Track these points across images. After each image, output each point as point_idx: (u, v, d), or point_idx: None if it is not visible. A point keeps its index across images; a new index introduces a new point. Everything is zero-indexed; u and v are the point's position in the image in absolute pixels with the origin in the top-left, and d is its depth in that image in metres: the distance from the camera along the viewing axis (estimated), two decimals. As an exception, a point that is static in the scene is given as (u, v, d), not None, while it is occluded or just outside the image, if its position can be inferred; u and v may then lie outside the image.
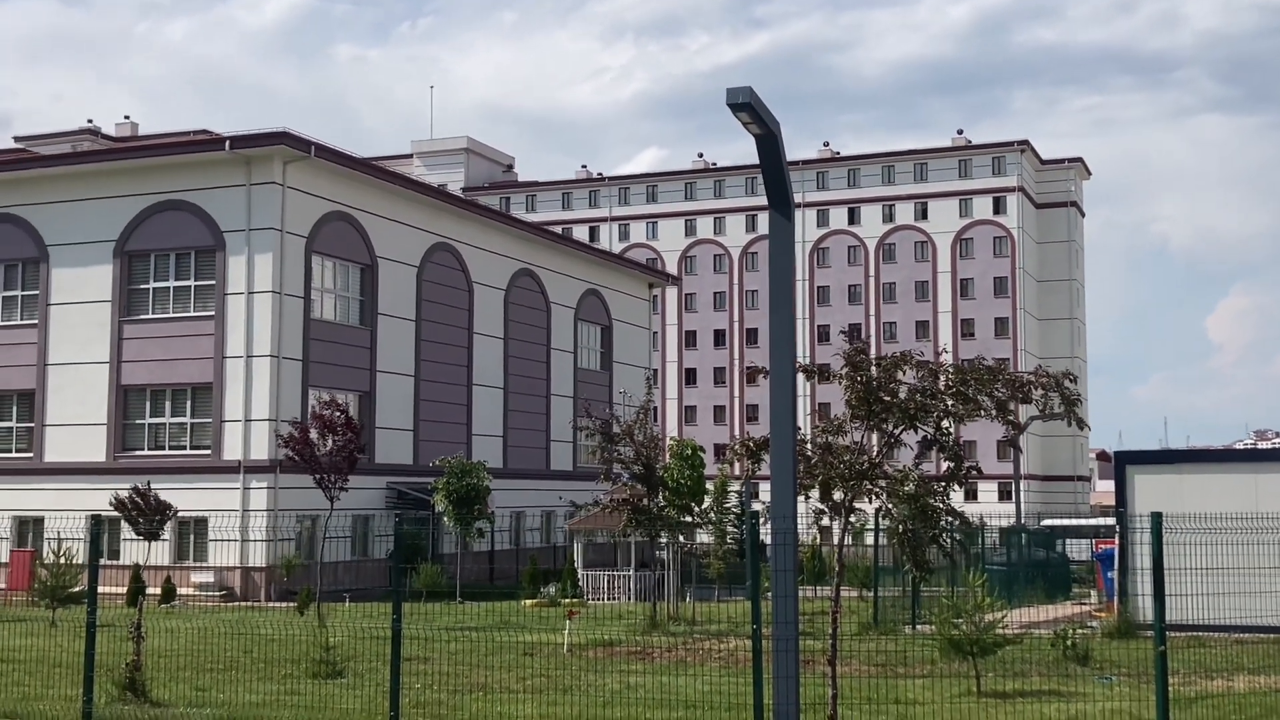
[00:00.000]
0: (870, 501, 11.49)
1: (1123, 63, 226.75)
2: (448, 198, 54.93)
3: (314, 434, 29.48)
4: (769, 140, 9.82)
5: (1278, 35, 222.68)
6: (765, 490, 34.19)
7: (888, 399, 11.19)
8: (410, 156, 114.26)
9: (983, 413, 11.12)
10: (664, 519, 24.98)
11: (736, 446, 12.53)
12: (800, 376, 11.58)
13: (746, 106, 9.53)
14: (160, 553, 39.49)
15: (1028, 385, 10.11)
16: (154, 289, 44.29)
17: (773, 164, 9.91)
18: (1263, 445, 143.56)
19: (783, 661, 9.08)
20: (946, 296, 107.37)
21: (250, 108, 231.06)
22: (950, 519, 11.13)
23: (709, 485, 28.78)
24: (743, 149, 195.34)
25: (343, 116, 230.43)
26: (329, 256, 45.60)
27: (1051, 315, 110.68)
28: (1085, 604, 30.98)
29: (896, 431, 11.40)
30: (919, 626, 22.48)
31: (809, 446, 11.13)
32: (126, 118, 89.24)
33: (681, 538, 28.37)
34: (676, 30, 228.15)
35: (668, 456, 27.26)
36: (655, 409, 27.90)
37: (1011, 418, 10.39)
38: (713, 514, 27.70)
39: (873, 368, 11.41)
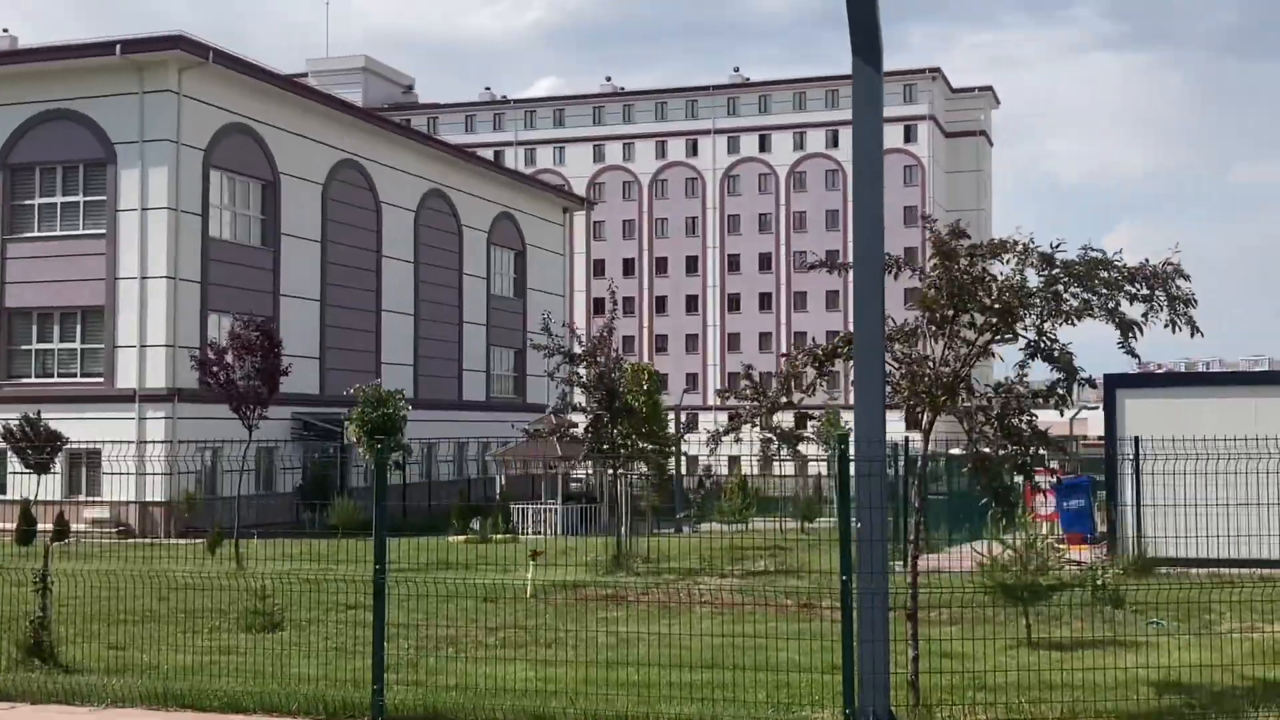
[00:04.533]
0: (960, 421, 9.73)
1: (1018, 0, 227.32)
2: (355, 111, 52.02)
3: (230, 356, 26.99)
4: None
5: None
6: (705, 420, 32.29)
7: (983, 295, 9.42)
8: (305, 76, 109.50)
9: (1094, 312, 9.41)
10: (628, 447, 23.20)
11: (799, 355, 10.62)
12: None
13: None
14: (51, 487, 36.68)
15: (1150, 277, 8.71)
16: (40, 205, 41.08)
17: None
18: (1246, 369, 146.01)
19: (870, 620, 7.36)
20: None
21: (138, 30, 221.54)
22: (1035, 443, 9.46)
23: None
24: (650, 78, 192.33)
25: (235, 41, 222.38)
26: (228, 172, 42.69)
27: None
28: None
29: (986, 338, 9.65)
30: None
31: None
32: (4, 30, 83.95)
33: (645, 468, 26.64)
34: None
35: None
36: (579, 335, 25.96)
37: (1128, 318, 9.01)
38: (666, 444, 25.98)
39: (962, 258, 9.59)
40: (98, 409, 38.28)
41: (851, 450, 7.80)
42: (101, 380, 39.67)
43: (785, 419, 12.67)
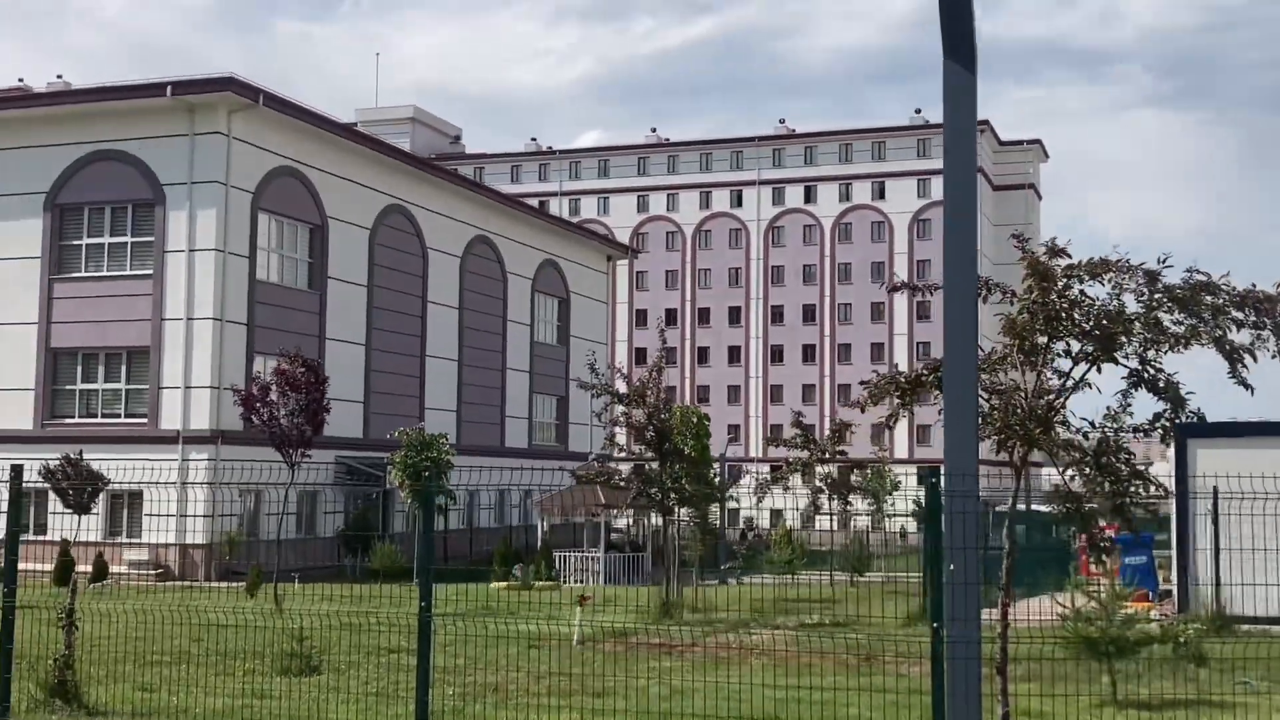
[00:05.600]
0: (1052, 456, 9.09)
1: (1062, 56, 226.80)
2: (403, 156, 52.01)
3: (274, 394, 26.58)
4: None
5: (1215, 31, 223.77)
6: (756, 469, 30.88)
7: (1081, 320, 8.79)
8: (355, 125, 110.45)
9: (1202, 339, 8.74)
10: (678, 493, 22.52)
11: (880, 381, 10.00)
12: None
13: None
14: (91, 528, 36.40)
15: (1260, 303, 8.03)
16: (87, 245, 41.12)
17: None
18: None
19: (962, 674, 6.70)
20: (903, 277, 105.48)
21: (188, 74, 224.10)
22: (1135, 482, 8.79)
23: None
24: (694, 130, 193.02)
25: (285, 92, 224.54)
26: (276, 215, 42.63)
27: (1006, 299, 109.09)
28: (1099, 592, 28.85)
29: (1083, 367, 9.01)
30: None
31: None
32: (59, 77, 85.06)
33: (693, 515, 25.91)
34: (621, 14, 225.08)
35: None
36: (624, 375, 25.28)
37: (1236, 345, 8.36)
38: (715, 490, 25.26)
39: (1059, 280, 8.96)
40: (140, 450, 37.91)
41: (942, 485, 7.20)
42: (145, 421, 39.46)
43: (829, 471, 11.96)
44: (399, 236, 49.25)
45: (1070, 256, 9.39)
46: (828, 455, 32.99)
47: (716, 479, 25.53)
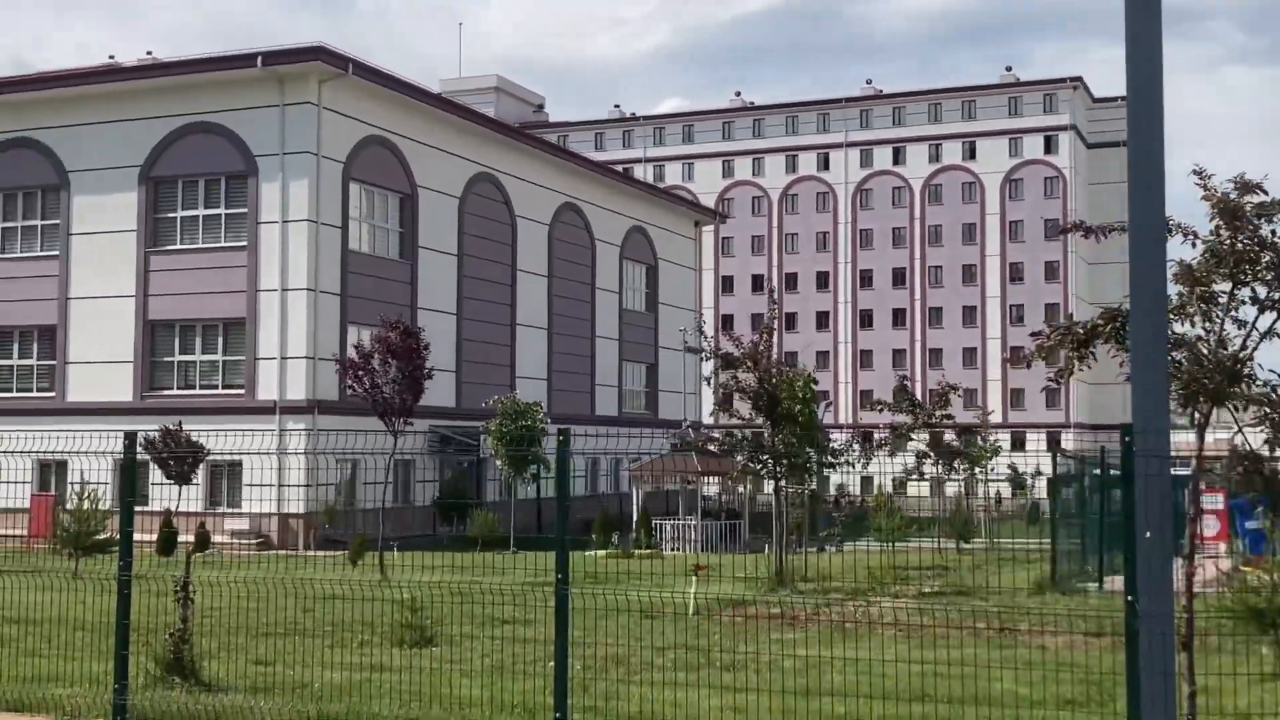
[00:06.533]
0: (1237, 412, 8.40)
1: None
2: (491, 124, 51.70)
3: (375, 361, 26.36)
4: None
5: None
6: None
7: (1274, 261, 8.06)
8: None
9: None
10: (790, 459, 21.96)
11: (1053, 332, 9.33)
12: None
13: None
14: (192, 498, 36.66)
15: None
16: (182, 217, 41.33)
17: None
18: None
19: (1158, 651, 6.11)
20: (995, 239, 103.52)
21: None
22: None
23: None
24: (777, 93, 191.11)
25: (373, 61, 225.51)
26: (367, 184, 42.56)
27: (1103, 259, 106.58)
28: (1213, 557, 27.88)
29: (1270, 318, 8.31)
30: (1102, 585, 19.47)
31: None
32: (148, 53, 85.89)
33: (805, 482, 25.36)
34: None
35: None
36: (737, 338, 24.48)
37: None
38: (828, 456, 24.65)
39: (1250, 219, 8.22)
40: (238, 420, 38.19)
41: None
42: (242, 392, 39.65)
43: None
44: (488, 205, 49.02)
45: (1265, 193, 8.63)
46: (932, 419, 32.24)
47: (829, 444, 24.94)
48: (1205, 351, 8.27)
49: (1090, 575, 20.20)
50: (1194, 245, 8.62)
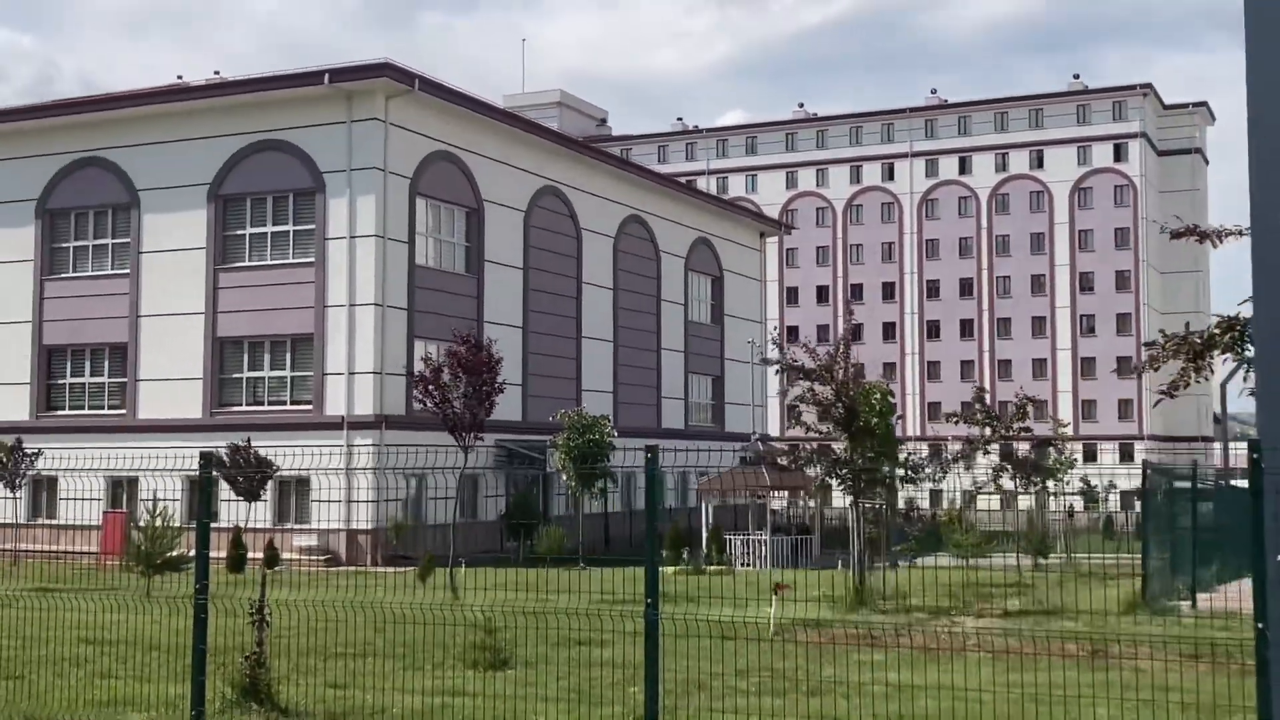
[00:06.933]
0: None
1: (1216, 19, 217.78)
2: (555, 137, 51.59)
3: (446, 375, 26.23)
4: None
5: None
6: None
7: None
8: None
9: None
10: (869, 473, 21.50)
11: (1168, 343, 8.95)
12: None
13: None
14: (260, 514, 36.81)
15: None
16: (250, 235, 41.56)
17: None
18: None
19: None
20: (1064, 249, 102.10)
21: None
22: None
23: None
24: (839, 105, 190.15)
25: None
26: (433, 199, 42.59)
27: (1175, 269, 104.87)
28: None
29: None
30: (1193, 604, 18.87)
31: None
32: (216, 73, 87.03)
33: (882, 497, 24.88)
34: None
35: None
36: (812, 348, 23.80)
37: None
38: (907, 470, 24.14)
39: None
40: (306, 436, 38.27)
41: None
42: (310, 408, 39.76)
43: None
44: (553, 218, 48.93)
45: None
46: (1010, 431, 31.60)
47: (910, 458, 24.44)
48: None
49: (1181, 593, 19.57)
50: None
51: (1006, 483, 32.48)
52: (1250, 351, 9.72)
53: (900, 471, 23.95)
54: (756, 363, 52.15)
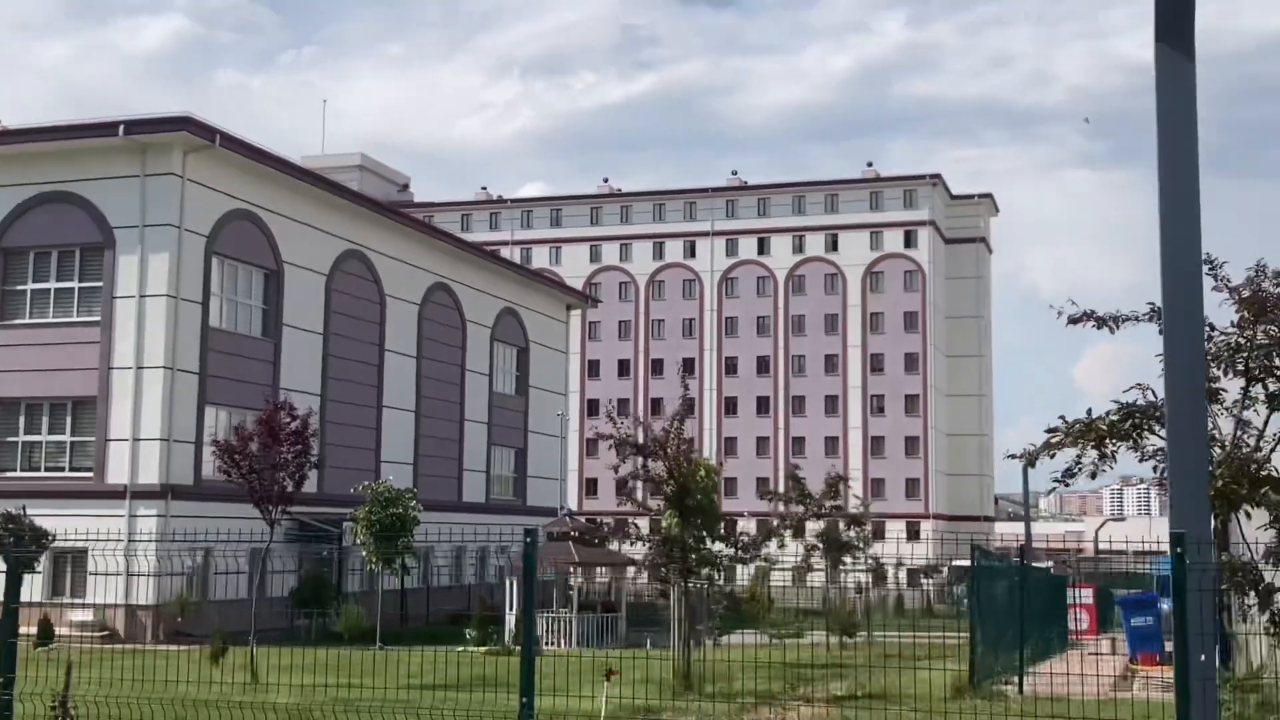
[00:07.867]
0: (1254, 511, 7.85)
1: (995, 116, 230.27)
2: (361, 200, 50.47)
3: (255, 445, 24.83)
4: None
5: (1140, 95, 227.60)
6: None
7: None
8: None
9: None
10: (699, 554, 21.03)
11: (1069, 429, 8.70)
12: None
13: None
14: (35, 588, 34.25)
15: None
16: (32, 290, 39.21)
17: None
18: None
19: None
20: (856, 330, 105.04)
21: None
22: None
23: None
24: (640, 181, 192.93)
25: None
26: (231, 259, 40.96)
27: (960, 353, 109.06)
28: (1097, 654, 27.77)
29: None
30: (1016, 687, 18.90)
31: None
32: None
33: (714, 577, 24.42)
34: (563, 69, 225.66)
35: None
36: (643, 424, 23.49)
37: None
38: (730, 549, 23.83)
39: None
40: (86, 505, 35.91)
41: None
42: (91, 475, 37.47)
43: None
44: (356, 283, 47.68)
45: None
46: (822, 510, 31.82)
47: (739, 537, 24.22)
48: (1238, 454, 7.74)
49: (1003, 676, 19.68)
50: (1210, 338, 8.13)
51: (817, 560, 32.66)
52: (1151, 441, 9.76)
53: (730, 551, 23.68)
54: (596, 436, 51.57)
